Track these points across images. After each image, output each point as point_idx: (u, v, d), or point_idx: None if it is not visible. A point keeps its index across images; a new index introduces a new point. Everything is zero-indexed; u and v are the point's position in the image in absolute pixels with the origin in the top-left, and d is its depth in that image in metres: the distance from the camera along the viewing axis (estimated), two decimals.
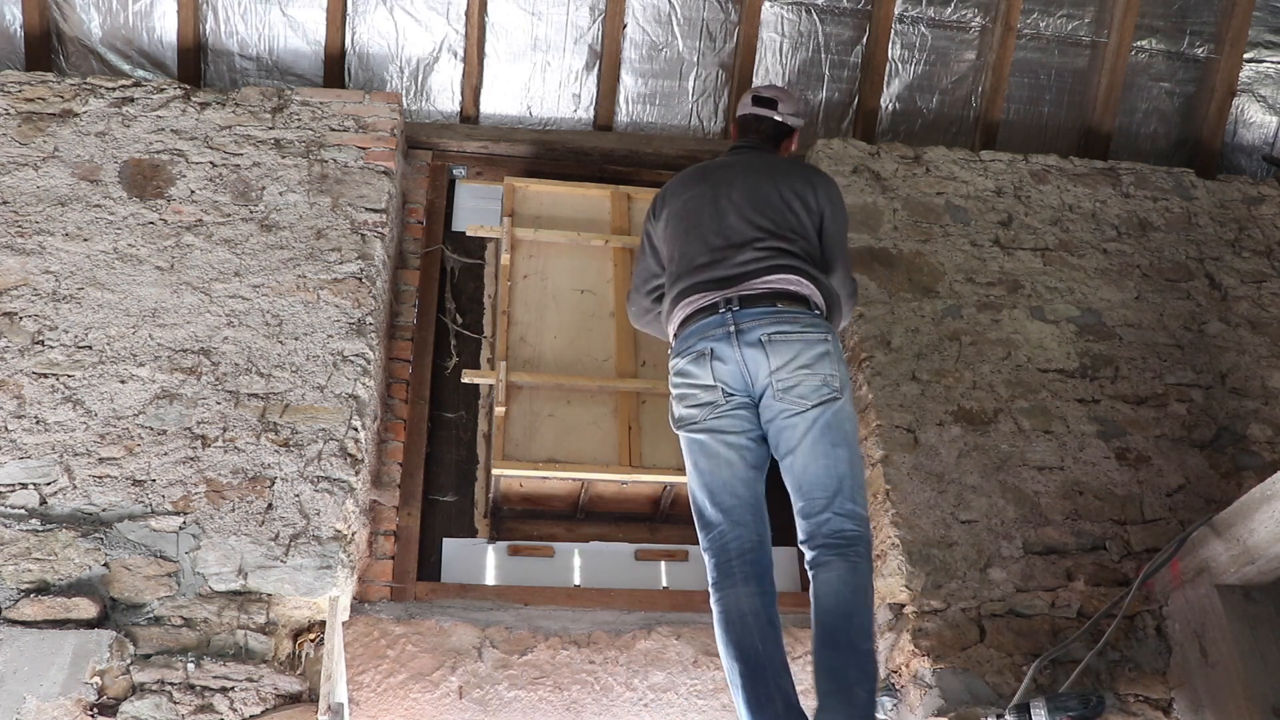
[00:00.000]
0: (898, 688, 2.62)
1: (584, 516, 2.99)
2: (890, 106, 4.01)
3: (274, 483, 2.54)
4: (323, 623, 2.45)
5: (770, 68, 3.94)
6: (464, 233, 3.46)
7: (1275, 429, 3.16)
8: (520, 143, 3.69)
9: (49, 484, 2.48)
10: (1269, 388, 3.26)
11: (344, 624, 2.48)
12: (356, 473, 2.61)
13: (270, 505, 2.51)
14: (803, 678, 2.64)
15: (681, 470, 2.89)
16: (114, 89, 3.23)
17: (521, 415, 2.94)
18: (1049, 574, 2.72)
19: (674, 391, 2.47)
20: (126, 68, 3.61)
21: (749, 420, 2.39)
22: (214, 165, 3.12)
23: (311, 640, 2.43)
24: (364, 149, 3.24)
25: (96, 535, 2.41)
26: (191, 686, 2.27)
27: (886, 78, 3.97)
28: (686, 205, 2.66)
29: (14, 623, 2.28)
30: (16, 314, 2.73)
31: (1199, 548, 2.55)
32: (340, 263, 2.97)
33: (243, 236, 2.98)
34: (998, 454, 2.92)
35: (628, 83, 3.87)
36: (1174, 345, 3.31)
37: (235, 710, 2.26)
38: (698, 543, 3.03)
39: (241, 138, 3.20)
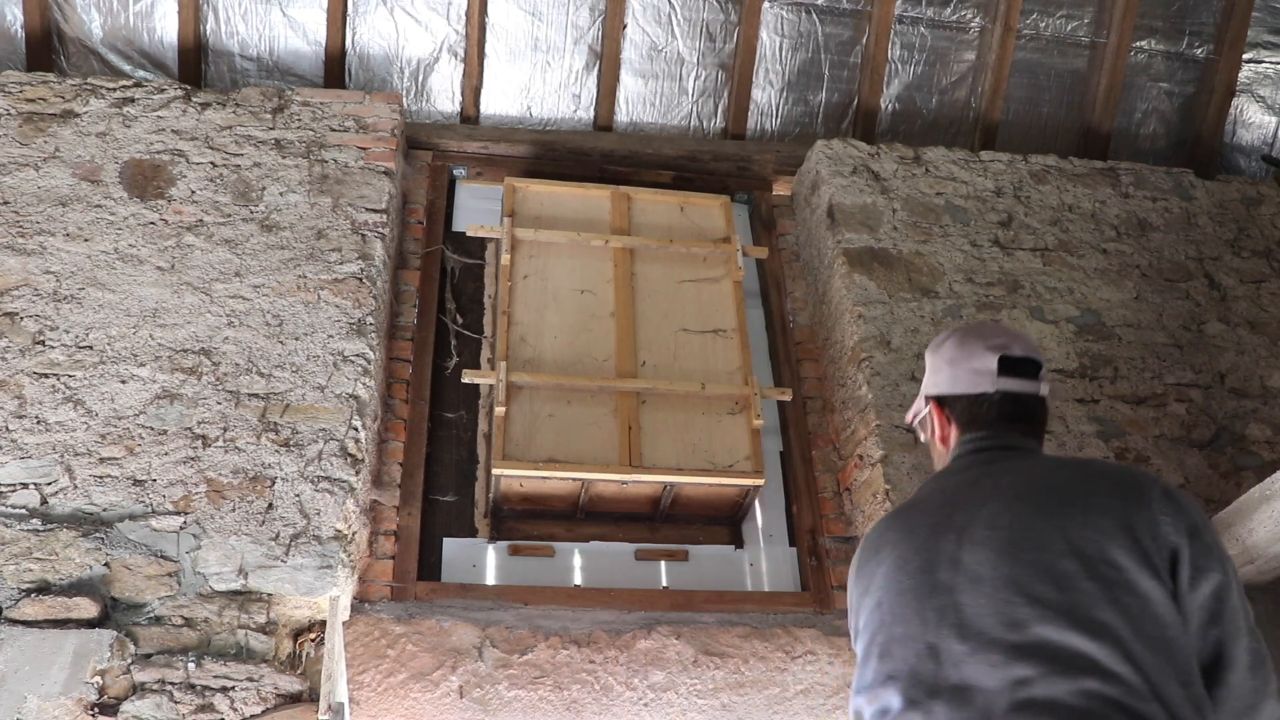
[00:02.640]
0: None
1: (584, 516, 3.00)
2: (890, 107, 4.02)
3: (274, 482, 2.55)
4: (323, 622, 2.45)
5: (770, 68, 3.94)
6: (464, 233, 3.46)
7: (1274, 429, 3.16)
8: (520, 143, 3.70)
9: (50, 484, 2.48)
10: (1268, 387, 3.26)
11: (344, 624, 2.48)
12: (357, 472, 2.61)
13: (271, 505, 2.51)
14: (802, 677, 2.64)
15: (680, 470, 2.90)
16: (115, 89, 3.23)
17: (521, 415, 2.94)
18: None
19: None
20: (127, 68, 3.61)
21: None
22: (214, 165, 3.13)
23: (312, 640, 2.43)
24: (364, 149, 3.24)
25: (97, 535, 2.42)
26: (192, 686, 2.27)
27: (886, 78, 3.98)
28: (900, 568, 1.45)
29: (15, 622, 2.28)
30: (17, 314, 2.73)
31: None
32: (341, 263, 2.97)
33: (243, 237, 2.99)
34: None
35: (627, 83, 3.88)
36: (1173, 345, 3.31)
37: (236, 710, 2.27)
38: (697, 542, 3.06)
39: (242, 138, 3.20)
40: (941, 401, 1.66)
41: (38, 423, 2.57)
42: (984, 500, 1.43)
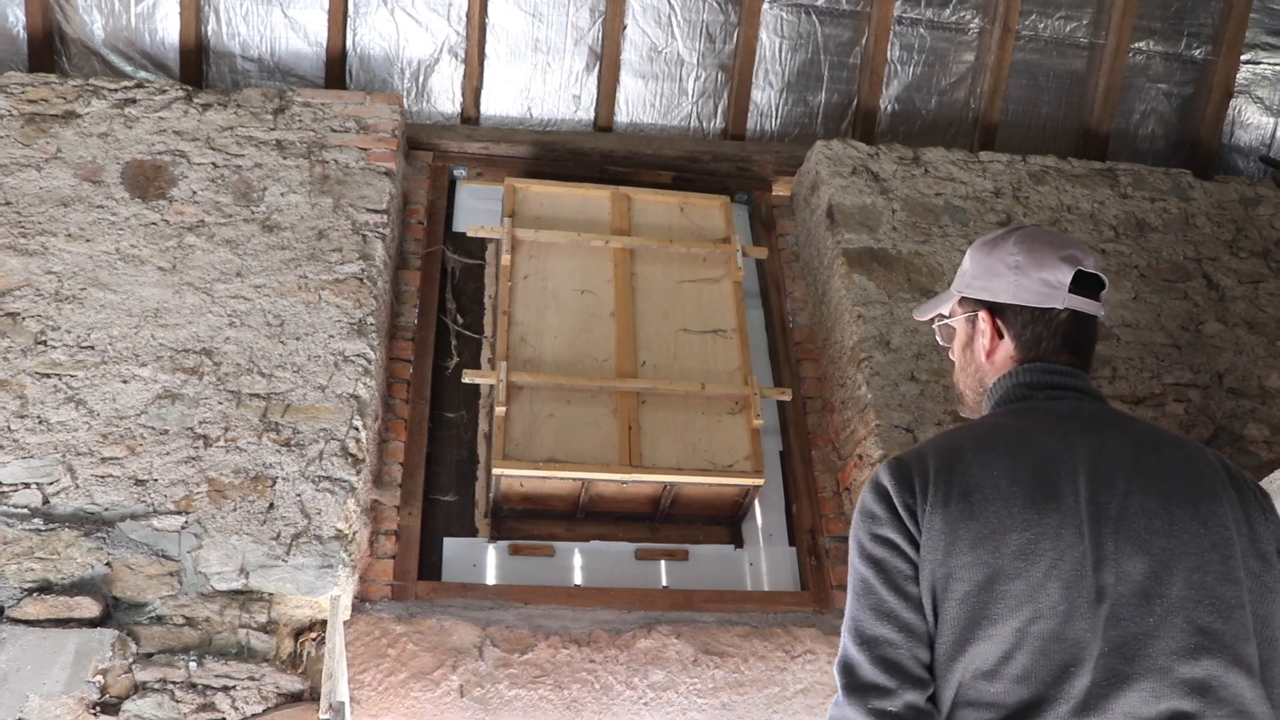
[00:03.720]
0: None
1: (584, 516, 3.00)
2: (889, 107, 4.03)
3: (275, 482, 2.55)
4: (324, 622, 2.46)
5: (770, 69, 3.95)
6: (464, 233, 3.47)
7: (1272, 428, 3.17)
8: (520, 143, 3.71)
9: (52, 483, 2.49)
10: (1266, 387, 3.27)
11: (345, 623, 2.49)
12: (358, 472, 2.62)
13: (272, 505, 2.52)
14: (801, 676, 2.65)
15: (680, 469, 2.90)
16: (116, 90, 3.24)
17: (522, 415, 2.95)
18: None
19: None
20: (129, 69, 3.62)
21: None
22: (216, 166, 3.13)
23: (313, 639, 2.44)
24: (365, 150, 3.25)
25: (99, 534, 2.42)
26: (193, 685, 2.28)
27: (885, 79, 3.99)
28: (1056, 547, 1.24)
29: (17, 621, 2.29)
30: (19, 314, 2.74)
31: None
32: (341, 263, 2.98)
33: (244, 237, 2.99)
34: None
35: (628, 84, 3.89)
36: (1171, 345, 3.32)
37: (237, 709, 2.27)
38: (697, 541, 3.07)
39: (243, 139, 3.21)
40: (996, 311, 1.47)
41: (39, 422, 2.57)
42: (1121, 481, 1.28)
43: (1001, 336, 1.46)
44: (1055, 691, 1.16)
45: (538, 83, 3.85)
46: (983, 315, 1.48)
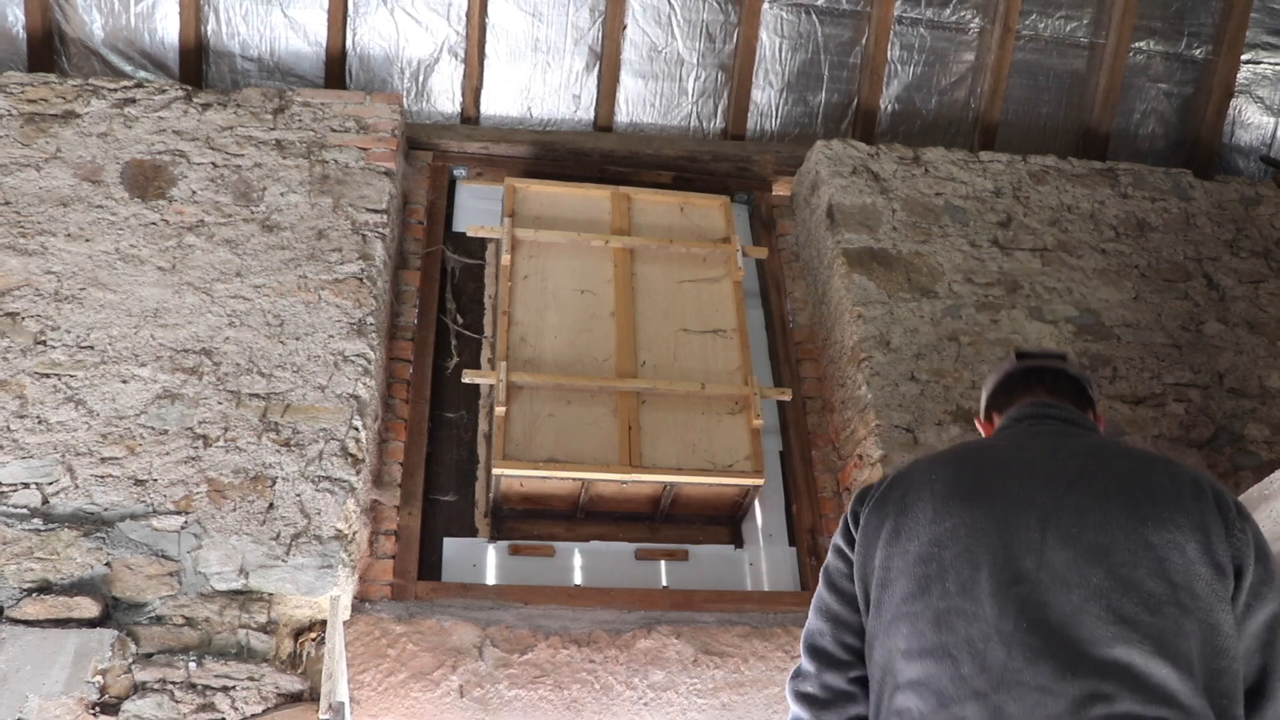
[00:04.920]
0: None
1: (584, 516, 3.00)
2: (889, 107, 4.02)
3: (275, 482, 2.55)
4: (324, 622, 2.46)
5: (770, 69, 3.95)
6: (464, 233, 3.47)
7: (1272, 428, 3.17)
8: (520, 143, 3.70)
9: (51, 483, 2.49)
10: (1266, 387, 3.27)
11: (345, 623, 2.49)
12: (357, 472, 2.61)
13: (271, 505, 2.52)
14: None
15: (680, 469, 2.90)
16: (116, 90, 3.24)
17: (522, 415, 2.95)
18: None
19: None
20: (128, 69, 3.62)
21: None
22: (215, 166, 3.13)
23: (313, 639, 2.44)
24: (365, 150, 3.25)
25: (98, 535, 2.42)
26: (193, 685, 2.28)
27: (885, 79, 3.99)
28: (972, 535, 1.36)
29: (16, 621, 2.29)
30: (19, 314, 2.74)
31: None
32: (341, 263, 2.98)
33: (244, 237, 2.99)
34: None
35: (628, 84, 3.89)
36: (1172, 345, 3.32)
37: (237, 709, 2.27)
38: (697, 541, 3.07)
39: (243, 138, 3.21)
40: (985, 415, 1.77)
41: (39, 422, 2.57)
42: (1062, 482, 1.37)
43: (991, 422, 1.73)
44: (972, 667, 1.26)
45: (538, 82, 3.85)
46: (979, 424, 1.81)
